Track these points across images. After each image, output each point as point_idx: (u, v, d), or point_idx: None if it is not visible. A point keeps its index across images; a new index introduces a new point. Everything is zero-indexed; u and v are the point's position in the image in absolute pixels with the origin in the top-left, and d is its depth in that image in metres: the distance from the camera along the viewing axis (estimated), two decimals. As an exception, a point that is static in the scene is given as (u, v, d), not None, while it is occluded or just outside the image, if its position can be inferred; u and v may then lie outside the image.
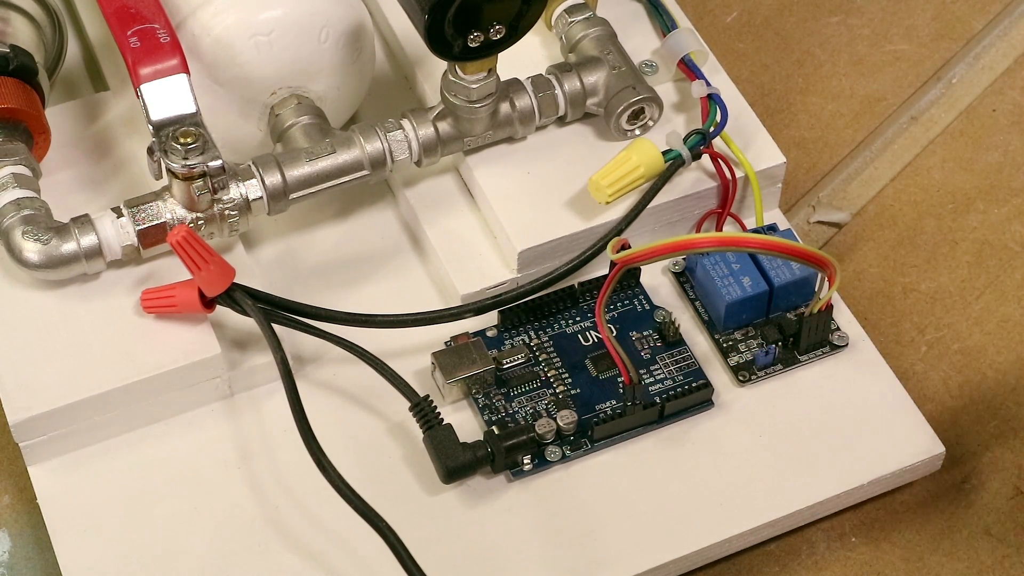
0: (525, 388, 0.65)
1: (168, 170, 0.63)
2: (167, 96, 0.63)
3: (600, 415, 0.64)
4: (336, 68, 0.68)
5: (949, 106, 0.78)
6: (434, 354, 0.64)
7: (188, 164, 0.62)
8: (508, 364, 0.65)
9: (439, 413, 0.62)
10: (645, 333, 0.66)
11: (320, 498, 0.60)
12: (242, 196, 0.65)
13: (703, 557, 0.62)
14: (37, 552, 0.63)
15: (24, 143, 0.66)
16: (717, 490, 0.62)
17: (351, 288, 0.68)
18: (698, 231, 0.69)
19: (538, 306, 0.66)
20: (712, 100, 0.68)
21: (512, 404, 0.64)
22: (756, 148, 0.69)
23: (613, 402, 0.64)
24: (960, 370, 0.68)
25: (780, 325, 0.66)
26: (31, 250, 0.63)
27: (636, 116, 0.68)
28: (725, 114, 0.68)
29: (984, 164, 0.76)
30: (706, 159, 0.68)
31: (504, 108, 0.67)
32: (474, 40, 0.63)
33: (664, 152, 0.67)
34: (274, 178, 0.65)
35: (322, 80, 0.68)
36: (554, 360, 0.65)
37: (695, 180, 0.68)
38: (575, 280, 0.67)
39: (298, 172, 0.65)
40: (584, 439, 0.63)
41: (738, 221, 0.69)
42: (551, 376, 0.65)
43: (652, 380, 0.65)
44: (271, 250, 0.69)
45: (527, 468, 0.63)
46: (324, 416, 0.63)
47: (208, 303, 0.63)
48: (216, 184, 0.64)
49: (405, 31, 0.72)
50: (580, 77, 0.68)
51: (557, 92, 0.68)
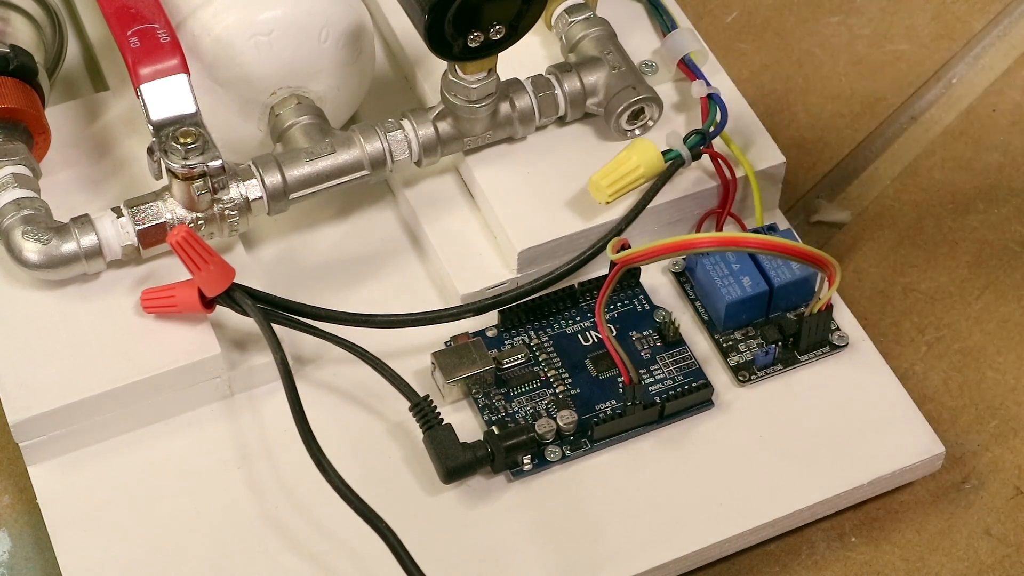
0: (525, 388, 0.65)
1: (168, 170, 0.63)
2: (167, 96, 0.63)
3: (600, 415, 0.64)
4: (336, 68, 0.68)
5: (949, 106, 0.78)
6: (434, 354, 0.64)
7: (188, 164, 0.62)
8: (508, 364, 0.65)
9: (439, 413, 0.62)
10: (645, 333, 0.66)
11: (320, 498, 0.60)
12: (242, 196, 0.65)
13: (703, 557, 0.62)
14: (37, 552, 0.63)
15: (24, 143, 0.66)
16: (717, 490, 0.62)
17: (351, 288, 0.68)
18: (698, 231, 0.69)
19: (538, 306, 0.66)
20: (712, 100, 0.68)
21: (512, 404, 0.64)
22: (756, 148, 0.69)
23: (613, 402, 0.64)
24: (960, 370, 0.68)
25: (780, 325, 0.66)
26: (31, 250, 0.63)
27: (636, 116, 0.68)
28: (725, 114, 0.68)
29: (984, 164, 0.76)
30: (706, 159, 0.68)
31: (504, 108, 0.67)
32: (474, 40, 0.63)
33: (664, 152, 0.67)
34: (274, 178, 0.65)
35: (322, 80, 0.68)
36: (554, 360, 0.65)
37: (695, 180, 0.68)
38: (575, 280, 0.67)
39: (298, 172, 0.65)
40: (584, 439, 0.63)
41: (738, 221, 0.69)
42: (551, 376, 0.65)
43: (652, 380, 0.65)
44: (271, 250, 0.69)
45: (527, 468, 0.62)
46: (324, 416, 0.63)
47: (208, 303, 0.63)
48: (216, 184, 0.64)
49: (405, 31, 0.72)
50: (580, 77, 0.68)
51: (557, 92, 0.68)
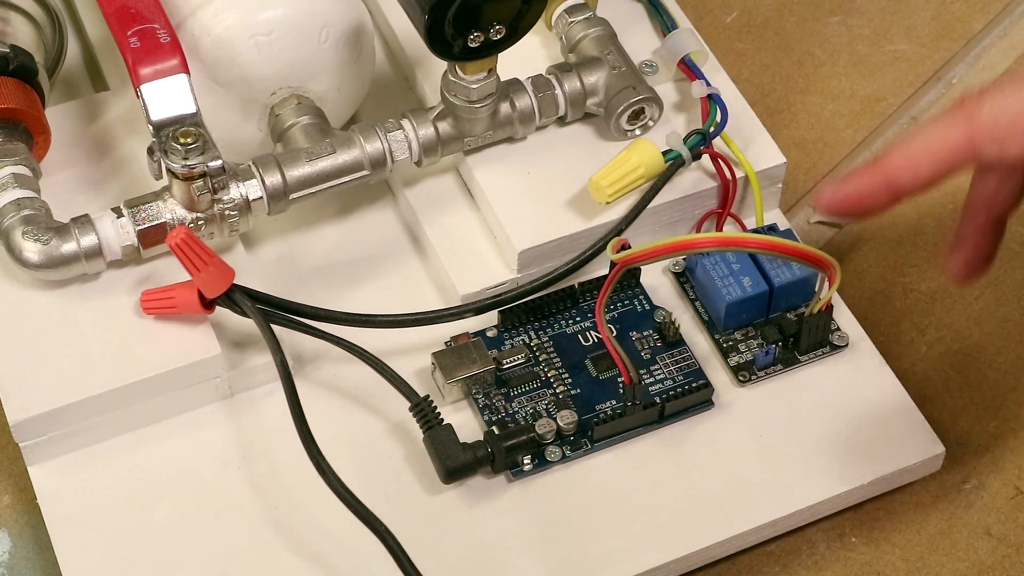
0: (525, 388, 0.65)
1: (168, 170, 0.63)
2: (167, 96, 0.63)
3: (600, 415, 0.64)
4: (336, 68, 0.68)
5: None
6: (434, 354, 0.64)
7: (188, 164, 0.62)
8: (508, 364, 0.65)
9: (439, 413, 0.62)
10: (645, 333, 0.66)
11: (320, 498, 0.59)
12: (242, 196, 0.65)
13: (703, 557, 0.62)
14: (37, 552, 0.63)
15: (24, 143, 0.66)
16: (717, 490, 0.62)
17: (351, 288, 0.68)
18: (698, 231, 0.69)
19: (538, 306, 0.66)
20: (712, 100, 0.68)
21: (512, 404, 0.64)
22: (756, 148, 0.69)
23: (613, 402, 0.64)
24: (960, 370, 0.68)
25: (780, 325, 0.66)
26: (31, 250, 0.63)
27: (636, 116, 0.68)
28: (725, 114, 0.68)
29: (984, 164, 0.76)
30: (706, 159, 0.68)
31: (504, 108, 0.67)
32: (474, 40, 0.62)
33: (664, 152, 0.67)
34: (274, 178, 0.65)
35: (322, 80, 0.68)
36: (554, 360, 0.65)
37: (695, 180, 0.68)
38: (575, 280, 0.67)
39: (298, 172, 0.65)
40: (584, 439, 0.63)
41: (738, 221, 0.69)
42: (551, 376, 0.65)
43: (652, 380, 0.65)
44: (271, 250, 0.69)
45: (527, 468, 0.62)
46: (324, 416, 0.63)
47: (208, 304, 0.63)
48: (216, 184, 0.64)
49: (405, 31, 0.72)
50: (580, 77, 0.68)
51: (557, 92, 0.68)
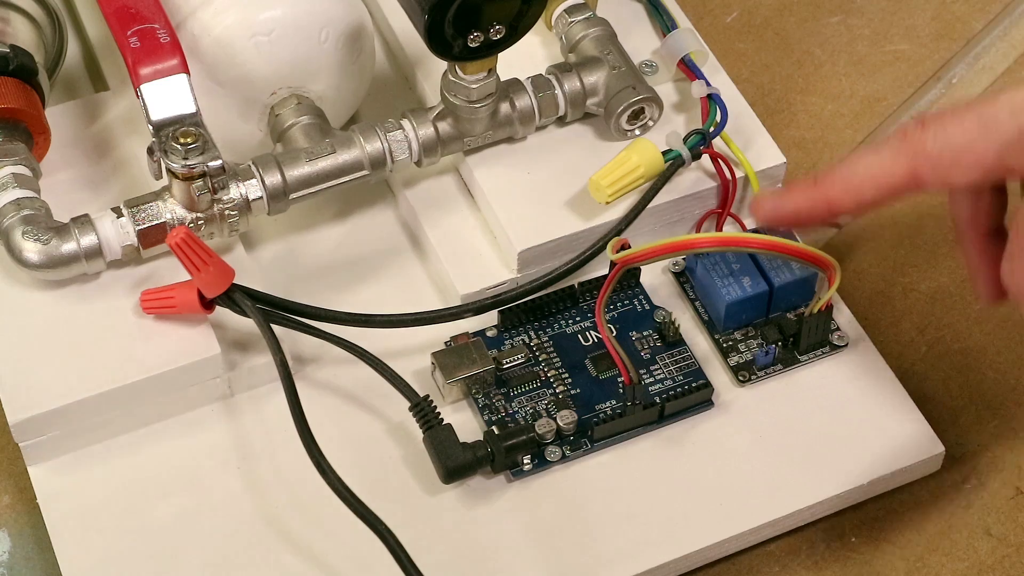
0: (525, 388, 0.65)
1: (168, 170, 0.63)
2: (167, 96, 0.63)
3: (600, 415, 0.64)
4: (336, 68, 0.68)
5: (949, 106, 0.78)
6: (434, 354, 0.64)
7: (188, 164, 0.62)
8: (508, 364, 0.65)
9: (439, 413, 0.62)
10: (645, 333, 0.66)
11: (320, 498, 0.59)
12: (242, 196, 0.65)
13: (703, 557, 0.62)
14: (37, 552, 0.63)
15: (24, 143, 0.66)
16: (717, 490, 0.62)
17: (351, 288, 0.68)
18: (698, 231, 0.69)
19: (538, 306, 0.66)
20: (712, 100, 0.68)
21: (512, 404, 0.64)
22: (756, 148, 0.69)
23: (613, 402, 0.64)
24: (960, 370, 0.68)
25: (780, 325, 0.66)
26: (31, 250, 0.63)
27: (636, 116, 0.68)
28: (725, 114, 0.68)
29: (984, 164, 0.76)
30: (706, 159, 0.68)
31: (504, 108, 0.67)
32: (474, 40, 0.62)
33: (664, 152, 0.67)
34: (274, 178, 0.65)
35: (322, 80, 0.68)
36: (554, 360, 0.65)
37: (695, 180, 0.68)
38: (575, 280, 0.67)
39: (298, 172, 0.65)
40: (584, 439, 0.63)
41: (738, 221, 0.69)
42: (551, 376, 0.65)
43: (652, 380, 0.65)
44: (271, 250, 0.69)
45: (527, 468, 0.62)
46: (324, 416, 0.63)
47: (207, 304, 0.63)
48: (216, 184, 0.64)
49: (405, 31, 0.72)
50: (580, 77, 0.68)
51: (557, 92, 0.68)
